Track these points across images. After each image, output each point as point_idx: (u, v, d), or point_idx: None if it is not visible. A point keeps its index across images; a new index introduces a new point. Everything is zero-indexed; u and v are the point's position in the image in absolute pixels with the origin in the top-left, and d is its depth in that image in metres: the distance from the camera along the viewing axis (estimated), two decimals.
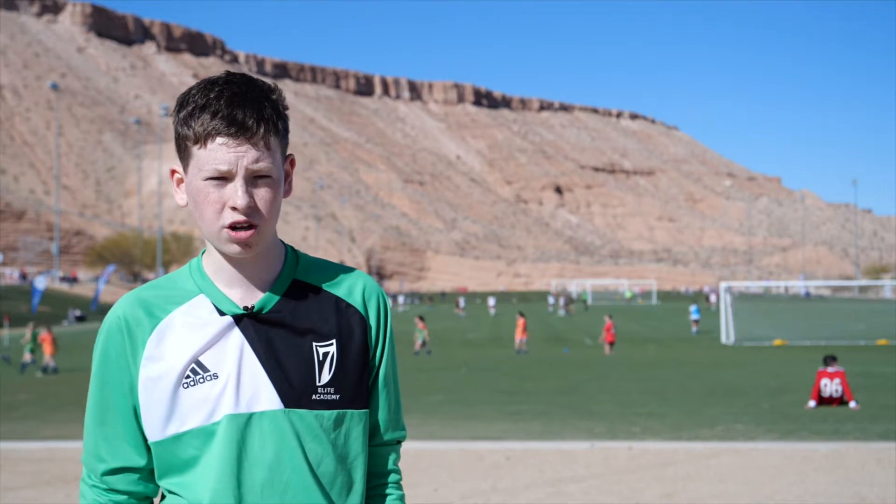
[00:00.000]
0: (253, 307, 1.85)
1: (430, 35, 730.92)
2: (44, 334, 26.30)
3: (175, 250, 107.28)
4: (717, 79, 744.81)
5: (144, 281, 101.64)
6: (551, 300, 79.74)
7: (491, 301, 71.47)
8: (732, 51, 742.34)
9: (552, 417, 14.22)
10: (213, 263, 1.89)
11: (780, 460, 9.95)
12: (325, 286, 1.93)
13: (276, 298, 1.87)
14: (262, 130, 1.77)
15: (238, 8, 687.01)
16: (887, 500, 7.90)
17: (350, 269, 1.98)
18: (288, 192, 1.89)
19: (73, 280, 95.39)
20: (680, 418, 13.87)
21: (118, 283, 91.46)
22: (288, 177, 1.89)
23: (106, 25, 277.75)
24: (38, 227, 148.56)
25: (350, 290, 1.94)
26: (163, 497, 1.91)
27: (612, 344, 30.43)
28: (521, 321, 31.59)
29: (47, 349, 25.84)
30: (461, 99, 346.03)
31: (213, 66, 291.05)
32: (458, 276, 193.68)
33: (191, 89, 1.82)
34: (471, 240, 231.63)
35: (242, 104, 1.76)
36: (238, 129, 1.75)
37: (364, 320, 1.93)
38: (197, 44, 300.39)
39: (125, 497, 1.88)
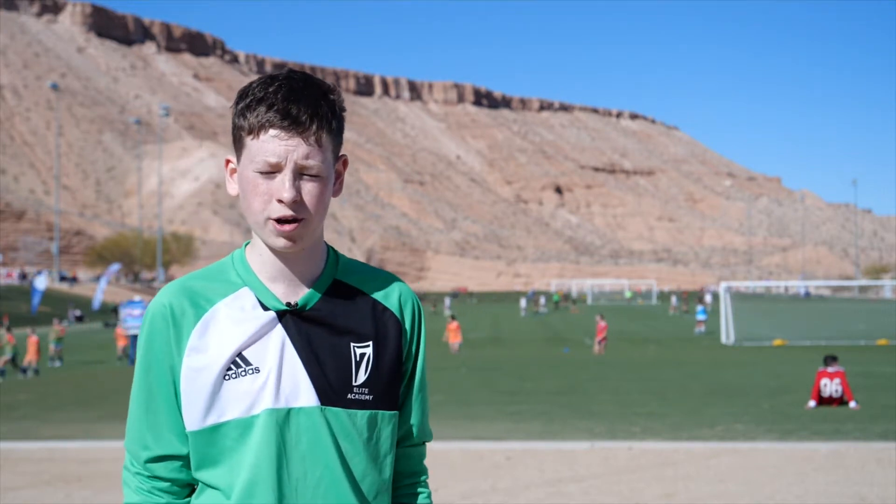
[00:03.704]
0: (296, 304, 1.88)
1: (430, 35, 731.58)
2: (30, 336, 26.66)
3: (175, 250, 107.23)
4: (717, 79, 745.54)
5: (144, 281, 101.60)
6: (542, 300, 79.30)
7: (446, 301, 76.59)
8: (732, 51, 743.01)
9: (552, 417, 14.21)
10: (258, 257, 1.91)
11: (780, 460, 9.95)
12: (363, 288, 1.96)
13: (318, 297, 1.90)
14: (314, 127, 1.80)
15: (238, 8, 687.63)
16: (887, 500, 7.89)
17: (387, 274, 2.02)
18: (338, 191, 1.91)
19: (73, 280, 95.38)
20: (680, 418, 13.86)
21: (117, 283, 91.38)
22: (339, 176, 1.91)
23: (106, 25, 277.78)
24: (38, 227, 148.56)
25: (387, 294, 1.97)
26: (192, 490, 1.94)
27: (601, 343, 30.34)
28: (453, 325, 30.77)
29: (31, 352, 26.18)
30: (461, 99, 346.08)
31: (213, 66, 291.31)
32: (458, 276, 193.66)
33: (252, 83, 1.86)
34: (471, 240, 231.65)
35: (298, 99, 1.80)
36: (291, 123, 1.78)
37: (400, 324, 1.96)
38: (197, 44, 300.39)
39: (168, 484, 1.90)
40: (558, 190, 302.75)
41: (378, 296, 1.96)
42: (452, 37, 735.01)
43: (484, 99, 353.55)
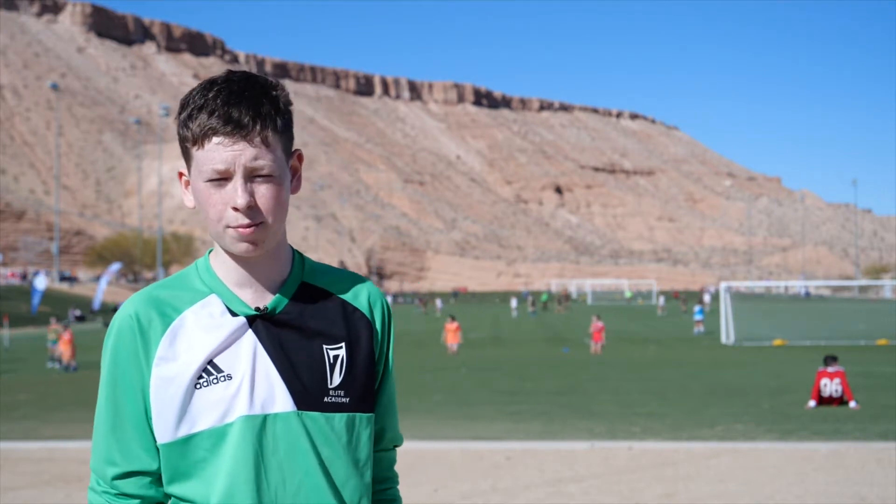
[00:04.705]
0: (265, 308, 1.84)
1: (430, 35, 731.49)
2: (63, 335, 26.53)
3: (175, 250, 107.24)
4: (717, 79, 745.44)
5: (145, 281, 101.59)
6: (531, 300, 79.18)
7: (438, 303, 78.69)
8: (732, 51, 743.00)
9: (552, 417, 14.22)
10: (222, 263, 1.87)
11: (780, 460, 9.95)
12: (332, 290, 1.93)
13: (287, 300, 1.87)
14: (258, 127, 1.75)
15: (238, 8, 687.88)
16: (887, 500, 7.90)
17: (354, 275, 1.99)
18: (296, 188, 1.88)
19: (73, 280, 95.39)
20: (680, 418, 13.87)
21: (117, 283, 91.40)
22: (296, 172, 1.88)
23: (106, 25, 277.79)
24: (38, 227, 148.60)
25: (356, 294, 1.94)
26: None
27: (598, 343, 30.34)
28: (452, 325, 30.34)
29: (66, 350, 26.11)
30: (461, 99, 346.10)
31: (213, 66, 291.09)
32: (458, 276, 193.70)
33: (192, 90, 1.80)
34: (471, 240, 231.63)
35: (239, 102, 1.75)
36: (234, 127, 1.73)
37: (370, 325, 1.93)
38: (197, 44, 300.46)
39: (137, 501, 1.84)
40: (558, 190, 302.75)
41: (347, 297, 1.93)
42: (452, 37, 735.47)
43: (484, 99, 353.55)
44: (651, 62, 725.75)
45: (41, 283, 52.22)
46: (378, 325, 1.94)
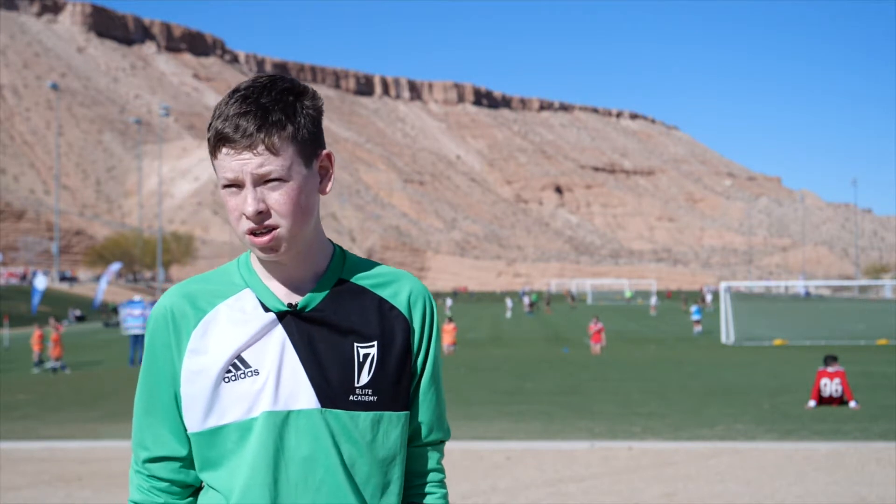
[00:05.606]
0: (297, 305, 1.86)
1: (430, 35, 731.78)
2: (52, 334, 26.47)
3: (175, 250, 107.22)
4: (717, 79, 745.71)
5: (145, 281, 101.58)
6: (526, 300, 79.22)
7: (448, 301, 78.57)
8: (732, 51, 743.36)
9: (552, 417, 14.21)
10: (259, 259, 1.91)
11: (780, 460, 9.94)
12: (370, 287, 1.93)
13: (321, 297, 1.88)
14: (262, 135, 1.76)
15: (238, 8, 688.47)
16: (887, 500, 7.89)
17: (398, 272, 1.98)
18: (325, 188, 1.90)
19: (73, 280, 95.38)
20: (680, 418, 13.86)
21: (117, 283, 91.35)
22: (326, 172, 1.90)
23: (106, 25, 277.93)
24: (38, 227, 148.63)
25: (396, 292, 1.94)
26: (196, 490, 1.95)
27: (597, 344, 30.35)
28: (449, 326, 30.49)
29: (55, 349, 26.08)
30: (461, 99, 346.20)
31: (213, 66, 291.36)
32: (458, 276, 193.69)
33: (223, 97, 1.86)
34: (471, 240, 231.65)
35: (248, 111, 1.77)
36: (241, 137, 1.76)
37: (408, 323, 1.93)
38: (197, 44, 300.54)
39: (167, 484, 1.91)
40: (558, 190, 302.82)
41: (386, 294, 1.93)
42: (452, 37, 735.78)
43: (484, 99, 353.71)
44: (651, 62, 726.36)
45: (41, 283, 52.15)
46: (416, 324, 1.94)
